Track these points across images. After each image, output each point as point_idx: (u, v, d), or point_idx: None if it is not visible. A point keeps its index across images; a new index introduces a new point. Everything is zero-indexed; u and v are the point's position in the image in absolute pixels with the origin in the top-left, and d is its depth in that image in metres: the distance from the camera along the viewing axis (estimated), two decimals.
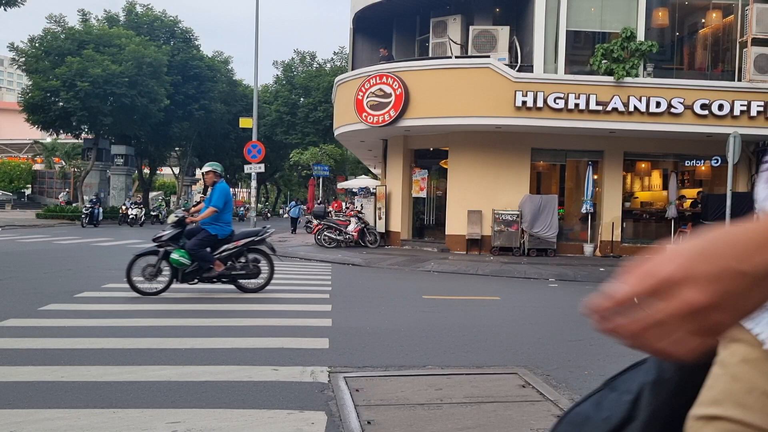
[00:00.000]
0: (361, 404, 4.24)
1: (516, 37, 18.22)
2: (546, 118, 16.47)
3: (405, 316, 8.10)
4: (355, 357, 5.62)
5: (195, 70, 40.28)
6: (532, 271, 14.20)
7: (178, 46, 40.62)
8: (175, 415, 3.97)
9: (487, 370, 5.25)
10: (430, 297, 9.93)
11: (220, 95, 43.33)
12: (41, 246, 16.99)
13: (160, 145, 43.42)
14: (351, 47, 23.77)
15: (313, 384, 4.72)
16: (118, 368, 4.99)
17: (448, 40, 18.52)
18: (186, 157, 47.42)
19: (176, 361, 5.25)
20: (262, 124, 41.93)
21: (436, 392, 4.59)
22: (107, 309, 7.64)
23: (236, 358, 5.40)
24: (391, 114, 17.40)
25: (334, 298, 9.25)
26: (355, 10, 21.22)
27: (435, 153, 19.83)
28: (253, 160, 21.23)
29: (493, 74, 16.63)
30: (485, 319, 8.01)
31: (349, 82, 19.28)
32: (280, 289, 9.94)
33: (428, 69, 17.76)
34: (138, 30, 37.86)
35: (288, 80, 50.39)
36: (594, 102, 16.33)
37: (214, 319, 7.15)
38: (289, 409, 4.13)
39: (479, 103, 16.72)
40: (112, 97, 31.90)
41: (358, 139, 21.43)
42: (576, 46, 18.02)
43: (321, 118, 45.26)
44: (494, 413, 4.17)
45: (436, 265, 14.76)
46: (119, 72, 31.46)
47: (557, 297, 10.68)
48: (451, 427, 3.90)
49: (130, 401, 4.20)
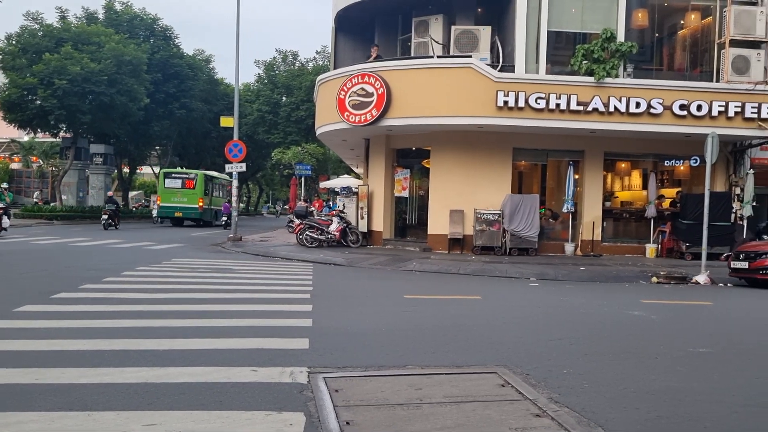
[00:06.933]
0: (340, 405, 4.22)
1: (498, 37, 18.27)
2: (527, 118, 16.54)
3: (386, 316, 8.09)
4: (335, 357, 5.59)
5: (175, 69, 39.95)
6: (514, 270, 14.26)
7: (158, 44, 40.26)
8: (152, 417, 3.92)
9: (467, 370, 5.25)
10: (411, 297, 9.92)
11: (201, 94, 43.00)
12: (18, 246, 16.74)
13: (140, 144, 43.03)
14: (333, 46, 23.71)
15: (292, 385, 4.69)
16: (94, 370, 4.91)
17: (430, 39, 18.52)
18: (166, 156, 46.98)
19: (153, 363, 5.19)
20: (243, 123, 41.70)
21: (415, 392, 4.57)
22: (84, 310, 7.53)
23: (215, 359, 5.35)
24: (373, 113, 17.37)
25: (315, 298, 9.20)
26: (337, 9, 21.16)
27: (417, 152, 19.84)
28: (235, 159, 21.10)
29: (474, 74, 16.67)
30: (466, 319, 8.02)
31: (331, 81, 19.22)
32: (260, 289, 9.88)
33: (410, 68, 17.76)
34: (117, 28, 37.47)
35: (270, 79, 50.20)
36: (575, 102, 16.43)
37: (192, 320, 7.07)
38: (268, 411, 4.09)
39: (461, 103, 16.75)
40: (91, 96, 31.52)
41: (340, 138, 21.37)
42: (557, 47, 18.12)
43: (303, 117, 45.15)
44: (473, 413, 4.17)
45: (418, 265, 14.76)
46: (98, 70, 31.10)
47: (538, 296, 10.72)
48: (430, 427, 3.89)
49: (105, 403, 4.14)
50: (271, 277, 11.83)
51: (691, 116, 16.52)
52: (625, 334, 7.32)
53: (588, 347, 6.43)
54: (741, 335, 7.66)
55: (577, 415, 4.16)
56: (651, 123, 16.63)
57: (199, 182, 32.72)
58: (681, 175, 20.11)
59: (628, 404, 4.50)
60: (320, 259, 15.66)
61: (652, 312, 9.04)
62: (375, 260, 15.63)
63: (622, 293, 11.45)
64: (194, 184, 32.54)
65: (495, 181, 18.15)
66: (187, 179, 32.84)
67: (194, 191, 32.43)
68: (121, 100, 32.60)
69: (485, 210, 17.68)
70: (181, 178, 33.10)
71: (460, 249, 18.14)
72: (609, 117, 16.55)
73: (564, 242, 18.61)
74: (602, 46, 16.69)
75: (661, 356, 6.15)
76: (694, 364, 5.89)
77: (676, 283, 13.08)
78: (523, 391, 4.65)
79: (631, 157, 19.73)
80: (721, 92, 16.70)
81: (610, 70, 16.55)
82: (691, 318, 8.99)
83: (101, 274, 11.02)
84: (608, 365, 5.68)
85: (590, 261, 16.93)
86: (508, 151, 18.43)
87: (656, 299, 10.54)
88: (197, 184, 32.61)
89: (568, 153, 18.74)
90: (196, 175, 33.33)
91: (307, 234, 19.36)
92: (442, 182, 18.44)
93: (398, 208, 20.38)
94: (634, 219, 19.45)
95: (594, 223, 18.49)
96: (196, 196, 32.33)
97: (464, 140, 18.10)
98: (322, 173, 45.75)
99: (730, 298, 11.37)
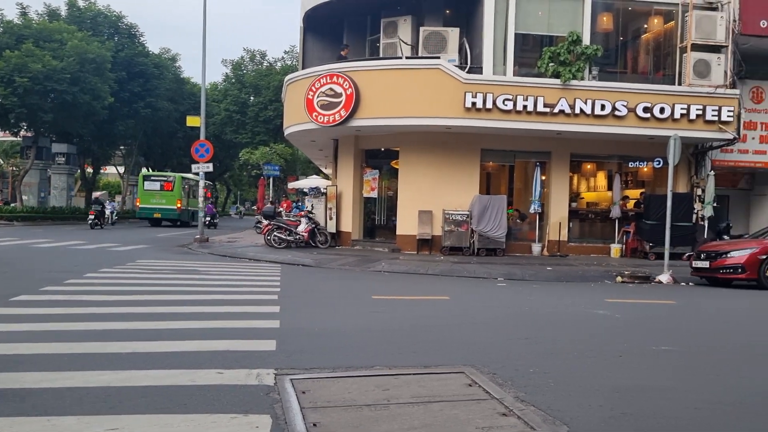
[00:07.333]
0: (307, 406, 4.19)
1: (466, 39, 18.38)
2: (495, 119, 16.67)
3: (354, 316, 8.07)
4: (302, 359, 5.55)
5: (140, 67, 39.31)
6: (482, 270, 14.35)
7: (123, 42, 39.58)
8: (114, 421, 3.84)
9: (434, 370, 5.26)
10: (380, 297, 9.91)
11: (167, 93, 42.37)
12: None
13: (104, 144, 42.25)
14: (301, 46, 23.60)
15: (259, 387, 4.64)
16: (55, 374, 4.79)
17: (398, 40, 18.55)
18: (131, 157, 46.25)
19: (117, 366, 5.08)
20: (210, 122, 41.26)
21: (383, 393, 4.57)
22: (45, 313, 7.35)
23: (180, 362, 5.27)
24: (342, 114, 17.33)
25: (282, 299, 9.13)
26: (306, 9, 21.06)
27: (386, 153, 19.84)
28: (201, 159, 20.84)
29: (443, 75, 16.74)
30: (434, 319, 8.04)
31: (300, 81, 19.12)
32: (227, 291, 9.77)
33: (379, 69, 17.76)
34: (80, 25, 36.77)
35: (237, 79, 49.75)
36: (542, 104, 16.62)
37: (156, 322, 6.96)
38: (234, 413, 4.04)
39: (429, 104, 16.80)
40: (53, 94, 30.91)
41: (308, 138, 21.28)
42: (524, 49, 18.30)
43: (271, 117, 44.85)
44: (441, 412, 4.17)
45: (387, 266, 14.76)
46: (60, 68, 30.48)
47: (505, 296, 10.81)
48: (397, 427, 3.88)
49: (66, 408, 4.04)
50: (238, 279, 11.71)
51: (654, 119, 16.84)
52: (590, 333, 7.42)
53: (554, 346, 6.50)
54: (703, 333, 7.83)
55: (543, 414, 4.20)
56: (616, 125, 16.90)
57: (177, 184, 34.05)
58: (645, 176, 20.47)
59: (593, 402, 4.56)
60: (288, 260, 15.56)
61: (617, 311, 9.18)
62: (343, 261, 15.59)
63: (587, 293, 11.61)
64: (172, 186, 34.00)
65: (463, 182, 18.25)
66: (165, 182, 34.32)
67: (172, 193, 33.87)
68: (85, 98, 32.01)
69: (454, 211, 17.77)
70: (160, 181, 34.61)
71: (429, 249, 18.20)
72: (575, 119, 16.78)
73: (531, 243, 18.81)
74: (568, 48, 16.92)
75: (625, 354, 6.24)
76: (657, 362, 5.99)
77: (640, 283, 13.31)
78: (489, 391, 4.67)
79: (597, 159, 20.02)
80: (683, 95, 17.05)
81: (575, 73, 16.78)
82: (654, 317, 9.16)
83: (63, 276, 10.79)
84: (573, 364, 5.75)
85: (557, 261, 17.14)
86: (476, 152, 18.55)
87: (620, 298, 10.72)
88: (175, 186, 34.02)
89: (535, 154, 18.94)
90: (175, 178, 34.58)
91: (275, 235, 19.22)
92: (411, 183, 18.49)
93: (367, 209, 20.36)
94: (600, 219, 19.73)
95: (560, 224, 18.71)
96: (175, 198, 33.72)
97: (433, 141, 18.17)
98: (291, 174, 45.53)
99: (692, 297, 11.60)
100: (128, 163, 47.19)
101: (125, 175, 47.72)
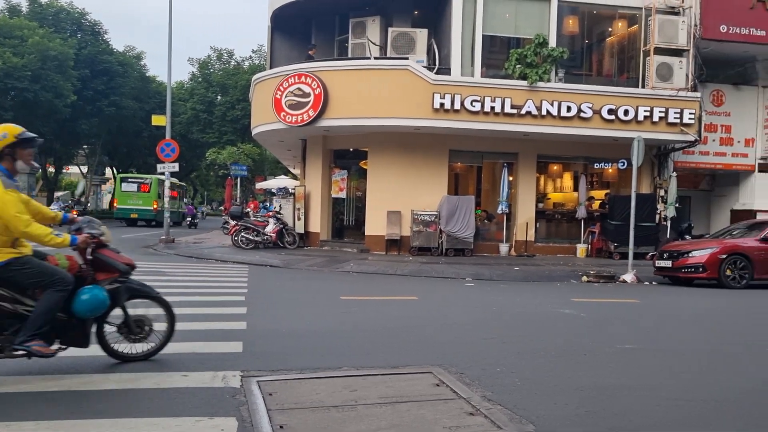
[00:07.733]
0: (273, 408, 4.14)
1: (434, 40, 18.45)
2: (463, 120, 16.77)
3: (322, 317, 8.03)
4: (269, 360, 5.50)
5: (104, 65, 38.57)
6: (450, 270, 14.42)
7: (86, 39, 38.82)
8: (75, 426, 3.76)
9: (402, 370, 5.26)
10: (348, 298, 9.88)
11: (132, 92, 41.62)
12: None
13: (66, 143, 41.33)
14: (269, 45, 23.43)
15: (225, 389, 4.58)
16: (13, 378, 4.67)
17: (367, 41, 18.54)
18: (95, 156, 45.35)
19: (78, 370, 4.97)
20: (176, 122, 40.71)
21: (350, 393, 4.55)
22: None
23: (143, 365, 5.17)
24: (310, 114, 17.25)
25: (249, 300, 9.05)
26: (273, 8, 20.92)
27: (354, 153, 19.81)
28: (167, 159, 20.52)
29: (411, 76, 16.78)
30: (402, 320, 8.05)
31: (267, 80, 18.97)
32: (193, 292, 9.64)
33: (347, 69, 17.73)
34: (42, 21, 35.95)
35: (204, 77, 49.20)
36: (509, 105, 16.77)
37: None
38: (199, 416, 3.98)
39: (398, 105, 16.83)
40: (13, 92, 30.25)
41: (276, 138, 21.12)
42: (492, 51, 18.44)
43: (239, 117, 44.44)
44: (408, 413, 4.17)
45: (355, 266, 14.73)
46: (21, 65, 29.81)
47: (473, 296, 10.87)
48: (365, 428, 3.86)
49: (24, 413, 3.93)
50: (204, 280, 11.57)
51: (618, 120, 17.12)
52: (556, 332, 7.50)
53: (520, 345, 6.55)
54: (666, 332, 7.97)
55: (509, 413, 4.23)
56: (581, 126, 17.14)
57: (154, 186, 34.52)
58: (610, 177, 20.80)
59: (558, 400, 4.60)
60: (256, 261, 15.43)
61: (582, 310, 9.30)
62: (312, 261, 15.52)
63: (553, 292, 11.74)
64: (149, 187, 34.68)
65: (432, 183, 18.32)
66: (142, 183, 35.08)
67: (149, 194, 34.54)
68: (46, 96, 31.36)
69: (422, 211, 17.81)
70: (137, 182, 35.39)
71: (398, 250, 18.22)
72: (541, 120, 16.97)
73: (499, 243, 18.96)
74: (535, 51, 17.10)
75: (590, 353, 6.32)
76: (621, 360, 6.08)
77: (605, 282, 13.51)
78: (457, 390, 4.68)
79: (563, 160, 20.28)
80: (646, 98, 17.38)
81: (542, 75, 16.97)
82: (618, 315, 9.30)
83: None
84: (540, 363, 5.80)
85: (524, 261, 17.30)
86: (445, 152, 18.63)
87: (586, 298, 10.87)
88: (152, 187, 34.59)
89: (502, 155, 19.09)
90: (152, 180, 34.97)
91: (243, 235, 19.04)
92: (380, 183, 18.48)
93: (335, 209, 20.30)
94: (566, 220, 19.98)
95: (527, 224, 18.90)
96: (151, 199, 34.34)
97: (401, 142, 18.20)
98: (259, 174, 45.13)
99: (655, 296, 11.82)
100: (92, 163, 46.28)
101: (89, 175, 46.78)
